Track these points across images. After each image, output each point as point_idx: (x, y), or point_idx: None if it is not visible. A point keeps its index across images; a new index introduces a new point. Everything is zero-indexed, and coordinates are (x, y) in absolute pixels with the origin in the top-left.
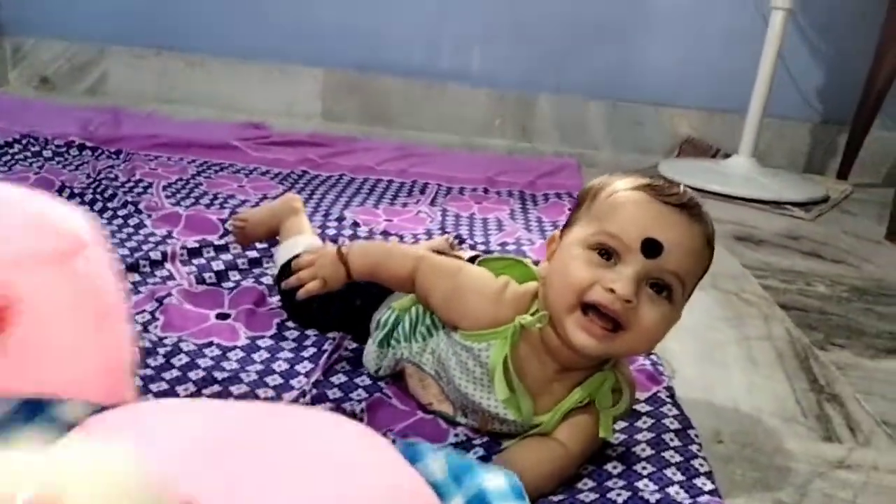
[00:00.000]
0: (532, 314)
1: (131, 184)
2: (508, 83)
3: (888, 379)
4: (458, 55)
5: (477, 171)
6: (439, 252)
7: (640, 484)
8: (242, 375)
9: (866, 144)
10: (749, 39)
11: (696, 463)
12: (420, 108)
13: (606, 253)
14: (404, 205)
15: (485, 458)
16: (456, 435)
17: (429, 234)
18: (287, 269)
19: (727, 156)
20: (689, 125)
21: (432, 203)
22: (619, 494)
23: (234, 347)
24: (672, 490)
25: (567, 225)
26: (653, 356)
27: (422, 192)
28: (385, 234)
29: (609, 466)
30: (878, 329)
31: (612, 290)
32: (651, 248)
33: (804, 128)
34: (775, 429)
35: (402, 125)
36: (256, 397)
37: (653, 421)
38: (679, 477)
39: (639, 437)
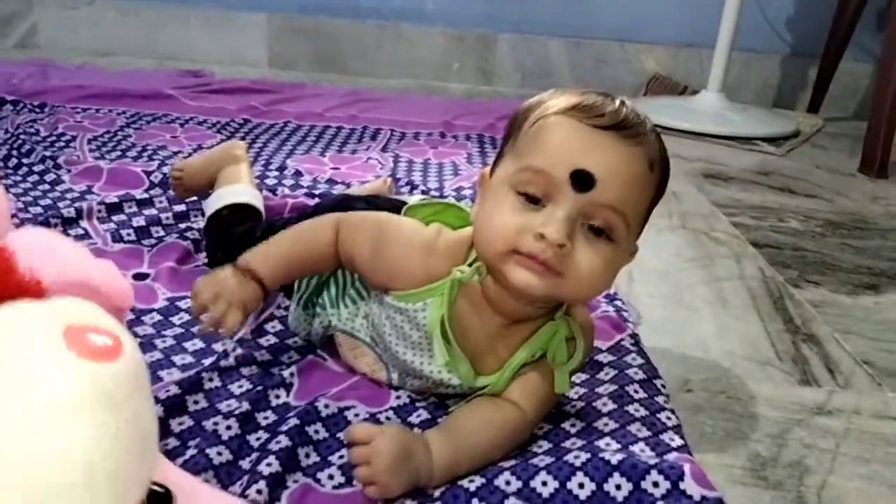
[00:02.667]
0: (470, 264)
1: (53, 138)
2: (466, 22)
3: (868, 317)
4: None
5: (433, 116)
6: (375, 197)
7: (600, 443)
8: (157, 341)
9: (836, 77)
10: None
11: (662, 416)
12: (372, 52)
13: (536, 199)
14: (353, 152)
15: (429, 422)
16: (398, 397)
17: None
18: (215, 221)
19: (695, 92)
20: (656, 62)
21: (384, 149)
22: (577, 456)
23: (151, 311)
24: (637, 448)
25: (496, 160)
26: (617, 301)
27: (373, 138)
28: (331, 182)
29: (567, 425)
30: (855, 264)
31: (542, 236)
32: (581, 180)
33: (773, 61)
34: (749, 374)
35: (355, 71)
36: (172, 364)
37: (616, 372)
38: (644, 433)
39: (600, 390)
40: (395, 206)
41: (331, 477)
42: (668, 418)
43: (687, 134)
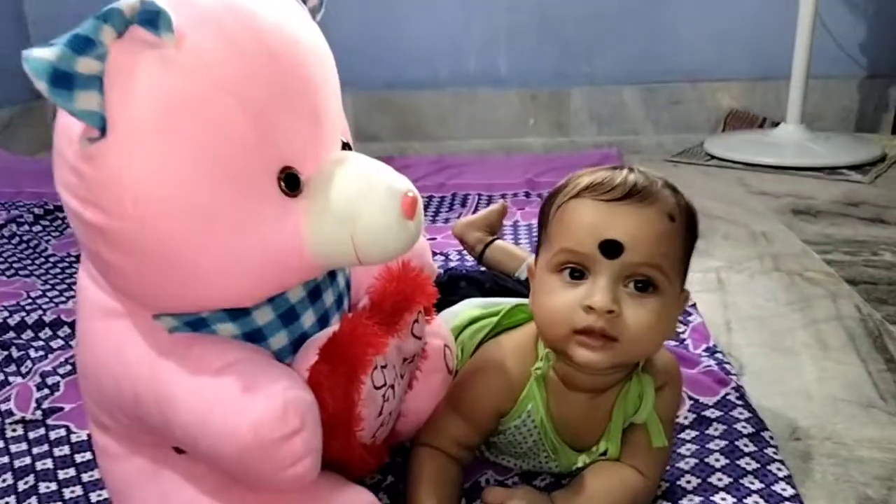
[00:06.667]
0: (542, 359)
1: None
2: (539, 80)
3: None
4: (485, 58)
5: (515, 175)
6: (480, 273)
7: (716, 498)
8: None
9: None
10: (782, 1)
11: (773, 468)
12: (452, 118)
13: (577, 271)
14: (446, 220)
15: (554, 485)
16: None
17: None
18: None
19: (776, 124)
20: (731, 97)
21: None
22: None
23: None
24: (750, 501)
25: (537, 251)
26: (718, 354)
27: (462, 204)
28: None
29: (683, 482)
30: None
31: (591, 308)
32: (610, 248)
33: (851, 85)
34: (854, 417)
35: (436, 136)
36: None
37: (724, 427)
38: (757, 485)
39: (711, 445)
40: (496, 281)
41: None
42: (779, 469)
43: (771, 169)
